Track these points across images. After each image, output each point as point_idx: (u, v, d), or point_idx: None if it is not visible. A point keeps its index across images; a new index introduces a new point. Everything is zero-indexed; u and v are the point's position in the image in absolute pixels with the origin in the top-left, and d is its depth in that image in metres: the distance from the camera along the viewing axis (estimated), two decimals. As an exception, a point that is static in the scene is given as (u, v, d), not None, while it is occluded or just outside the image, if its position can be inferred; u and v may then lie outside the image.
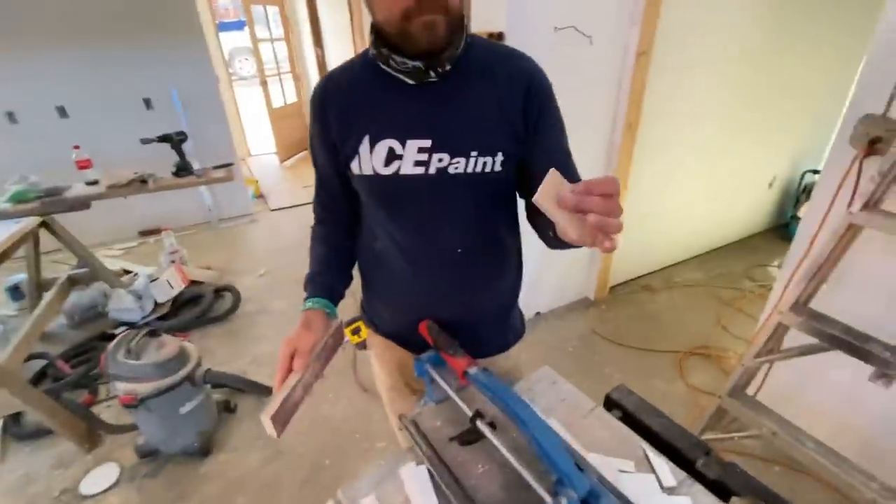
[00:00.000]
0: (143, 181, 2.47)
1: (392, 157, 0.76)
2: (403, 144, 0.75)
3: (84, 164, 2.51)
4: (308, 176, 5.03)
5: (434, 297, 0.90)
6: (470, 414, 0.76)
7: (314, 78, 5.31)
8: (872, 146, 1.39)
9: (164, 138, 2.49)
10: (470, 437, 0.77)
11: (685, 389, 2.12)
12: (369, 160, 0.77)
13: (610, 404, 0.90)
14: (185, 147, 2.71)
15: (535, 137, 0.78)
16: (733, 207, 3.33)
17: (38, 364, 2.33)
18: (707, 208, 3.08)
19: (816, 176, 3.41)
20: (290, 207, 4.36)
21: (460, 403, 0.79)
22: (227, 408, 2.06)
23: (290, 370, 0.74)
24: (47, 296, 2.35)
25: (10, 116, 3.22)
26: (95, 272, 2.68)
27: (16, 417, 2.01)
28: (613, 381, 0.70)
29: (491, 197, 0.82)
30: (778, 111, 3.03)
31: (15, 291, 2.85)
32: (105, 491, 1.72)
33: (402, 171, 0.76)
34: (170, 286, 2.78)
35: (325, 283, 0.89)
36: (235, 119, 5.61)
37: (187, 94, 3.59)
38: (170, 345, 1.73)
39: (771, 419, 1.32)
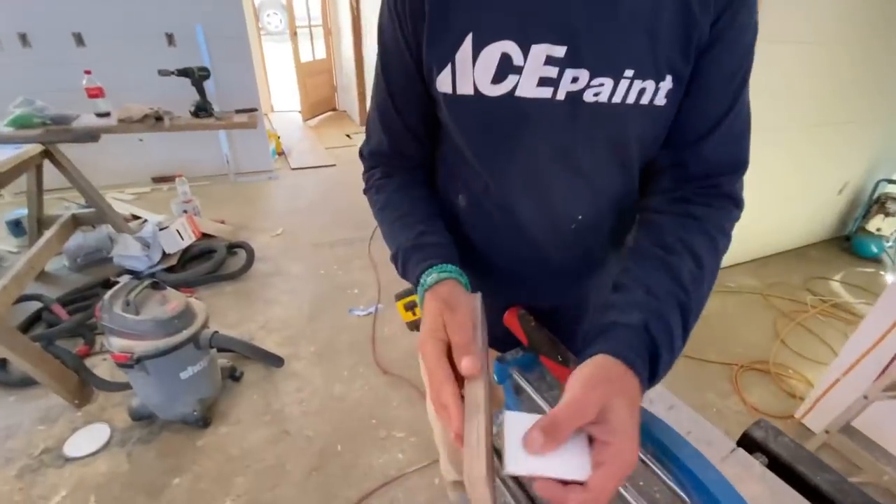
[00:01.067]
0: (159, 118, 2.24)
1: (506, 68, 0.49)
2: (526, 51, 0.48)
3: (95, 93, 2.28)
4: (333, 137, 4.79)
5: (532, 278, 0.66)
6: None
7: (347, 34, 4.99)
8: None
9: (184, 72, 2.25)
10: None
11: (742, 408, 1.88)
12: (470, 73, 0.50)
13: (750, 445, 0.66)
14: (207, 87, 2.47)
15: (708, 53, 0.50)
16: (798, 212, 3.02)
17: (33, 307, 2.16)
18: (770, 209, 2.78)
19: (892, 186, 3.08)
20: (313, 168, 4.13)
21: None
22: (233, 375, 1.87)
23: (457, 382, 0.42)
24: (47, 233, 2.16)
25: (23, 38, 3.00)
26: (102, 213, 2.48)
27: (2, 362, 1.84)
28: (664, 393, 0.55)
29: (639, 145, 0.55)
30: (865, 107, 2.69)
31: (16, 227, 2.68)
32: (92, 454, 1.55)
33: (520, 92, 0.50)
34: (180, 237, 2.58)
35: (442, 242, 0.58)
36: (261, 71, 5.33)
37: (213, 33, 3.33)
38: (175, 300, 1.52)
39: (893, 464, 1.08)
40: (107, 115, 2.30)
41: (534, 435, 0.34)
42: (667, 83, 0.50)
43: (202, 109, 2.33)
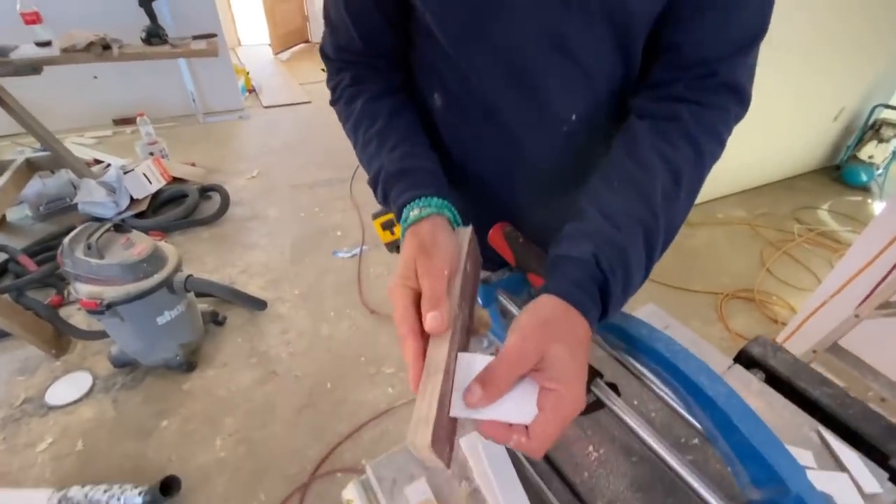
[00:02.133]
0: (106, 47, 2.01)
1: None
2: None
3: (32, 19, 2.02)
4: (306, 72, 4.47)
5: (519, 192, 0.58)
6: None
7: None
8: None
9: (128, -10, 1.99)
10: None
11: (726, 334, 1.91)
12: None
13: (749, 362, 0.64)
14: (160, 10, 2.21)
15: None
16: (791, 140, 2.94)
17: (-2, 258, 2.05)
18: (763, 139, 2.69)
19: (889, 112, 2.99)
20: (286, 105, 3.87)
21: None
22: (215, 320, 1.82)
23: (423, 336, 0.37)
24: (1, 179, 2.00)
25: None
26: (59, 157, 2.30)
27: (-30, 314, 1.75)
28: (658, 312, 0.53)
29: (641, 21, 0.45)
30: (867, 27, 2.53)
31: (-33, 174, 2.48)
32: (75, 402, 1.52)
33: None
34: (147, 181, 2.43)
35: (426, 167, 0.50)
36: (224, 1, 4.85)
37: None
38: (140, 244, 1.43)
39: (879, 381, 1.10)
40: (48, 44, 2.05)
41: (472, 388, 0.33)
42: None
43: (154, 35, 2.09)
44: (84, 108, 3.33)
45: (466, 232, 0.46)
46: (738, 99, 0.47)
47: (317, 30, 5.49)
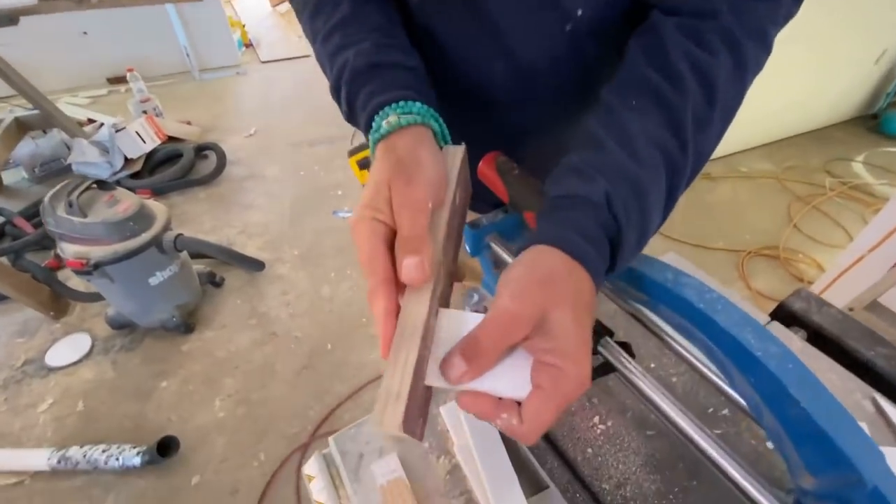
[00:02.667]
0: (84, -8, 1.88)
1: None
2: None
3: (2, -37, 1.88)
4: (305, 24, 4.23)
5: (512, 109, 0.48)
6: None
7: None
8: None
9: (100, -74, 1.82)
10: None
11: (747, 293, 1.81)
12: None
13: (789, 318, 0.54)
14: (137, -50, 2.04)
15: None
16: (824, 87, 2.69)
17: (-6, 221, 2.01)
18: (791, 85, 2.45)
19: (938, 50, 2.71)
20: (285, 60, 3.69)
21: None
22: (212, 281, 1.77)
23: (397, 286, 0.29)
24: (-12, 139, 1.93)
25: None
26: (49, 116, 2.21)
27: (-33, 277, 1.73)
28: (680, 261, 0.47)
29: None
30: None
31: (-41, 135, 2.42)
32: (75, 363, 1.51)
33: None
34: (141, 140, 2.34)
35: (405, 64, 0.38)
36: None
37: None
38: (126, 201, 1.36)
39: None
40: (22, -9, 1.92)
41: (453, 361, 0.27)
42: None
43: (134, -22, 1.94)
44: (76, 67, 3.21)
45: (458, 151, 0.36)
46: None
47: (316, -21, 5.18)
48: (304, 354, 1.56)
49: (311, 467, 0.40)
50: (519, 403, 0.27)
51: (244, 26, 3.90)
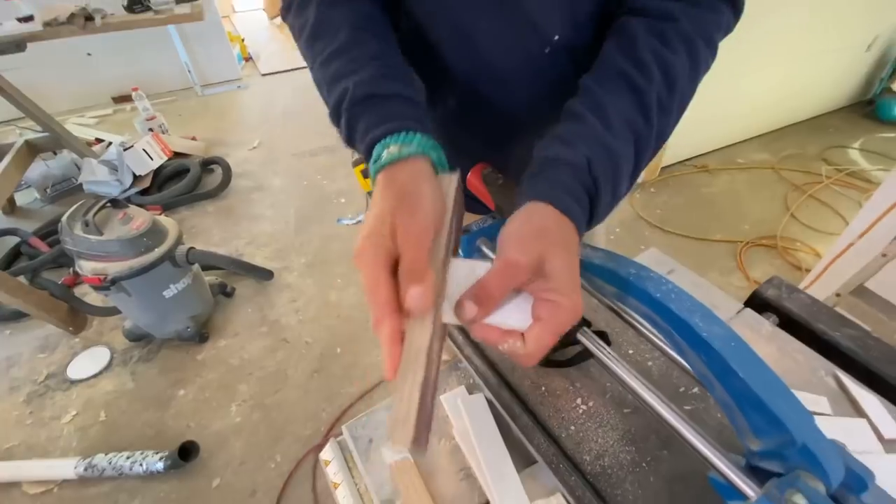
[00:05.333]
0: (89, 18, 1.95)
1: None
2: None
3: (10, -7, 1.96)
4: (302, 35, 4.30)
5: (496, 125, 0.52)
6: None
7: None
8: None
9: (103, -46, 1.90)
10: (560, 355, 0.46)
11: (745, 283, 1.84)
12: None
13: (761, 305, 0.58)
14: (139, -25, 2.11)
15: None
16: (818, 76, 2.71)
17: (11, 242, 2.08)
18: (786, 75, 2.48)
19: (930, 35, 2.73)
20: (285, 72, 3.76)
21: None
22: (224, 291, 1.83)
23: (401, 312, 0.30)
24: (2, 162, 2.00)
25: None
26: (58, 137, 2.28)
27: (-10, 297, 1.80)
28: (662, 258, 0.49)
29: None
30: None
31: (-26, 160, 2.50)
32: (95, 376, 1.57)
33: None
34: (148, 157, 2.41)
35: (405, 93, 0.40)
36: (211, -38, 4.65)
37: None
38: (139, 218, 1.42)
39: (907, 324, 1.04)
40: (30, 19, 2.00)
41: (466, 305, 0.31)
42: None
43: (136, 2, 2.01)
44: (81, 87, 3.29)
45: (452, 179, 0.38)
46: (730, 2, 0.42)
47: (311, -10, 5.26)
48: (314, 359, 1.61)
49: (327, 453, 0.45)
50: (521, 334, 0.32)
51: (243, 40, 3.98)
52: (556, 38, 0.46)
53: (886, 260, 1.04)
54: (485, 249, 0.52)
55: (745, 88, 2.37)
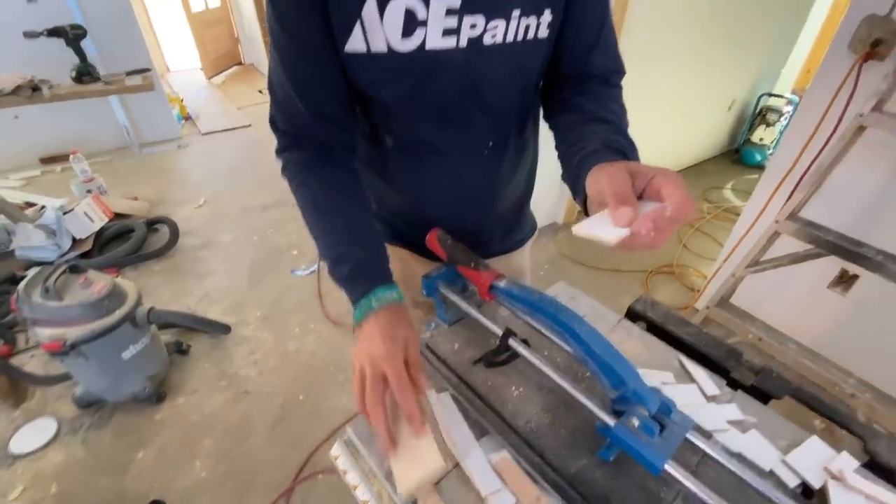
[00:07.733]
0: (36, 88, 1.99)
1: (412, 23, 0.54)
2: (426, 4, 0.53)
3: (-53, 66, 1.96)
4: (243, 95, 4.47)
5: (454, 201, 0.74)
6: (499, 332, 0.64)
7: (240, -24, 4.50)
8: (874, 49, 1.33)
9: (55, 32, 1.99)
10: (498, 357, 0.66)
11: (653, 306, 2.18)
12: (380, 30, 0.53)
13: (634, 316, 0.83)
14: (86, 48, 2.20)
15: None
16: (694, 130, 3.34)
17: (-68, 314, 1.95)
18: (669, 130, 3.05)
19: (773, 99, 3.47)
20: (226, 131, 3.86)
21: (486, 322, 0.67)
22: (179, 349, 1.85)
23: (381, 404, 0.54)
24: (-73, 233, 1.92)
25: None
26: (-12, 204, 2.22)
27: (-89, 375, 1.68)
28: (567, 289, 0.69)
29: (530, 74, 0.66)
30: (747, 29, 2.96)
31: None
32: (42, 448, 1.52)
33: (429, 45, 0.55)
34: (89, 219, 2.39)
35: (377, 256, 0.64)
36: (147, 26, 4.74)
37: (79, -17, 2.90)
38: (99, 282, 1.47)
39: (756, 326, 1.36)
40: (-32, 89, 2.00)
41: (622, 210, 0.41)
42: (546, 16, 0.59)
43: (85, 73, 2.09)
44: (6, 150, 3.17)
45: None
46: (621, 75, 0.70)
47: (249, 52, 5.47)
48: (277, 407, 1.68)
49: (336, 450, 0.60)
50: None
51: (182, 100, 4.05)
52: (491, 144, 0.69)
53: (736, 279, 1.37)
54: (442, 289, 0.72)
55: (639, 142, 2.86)
